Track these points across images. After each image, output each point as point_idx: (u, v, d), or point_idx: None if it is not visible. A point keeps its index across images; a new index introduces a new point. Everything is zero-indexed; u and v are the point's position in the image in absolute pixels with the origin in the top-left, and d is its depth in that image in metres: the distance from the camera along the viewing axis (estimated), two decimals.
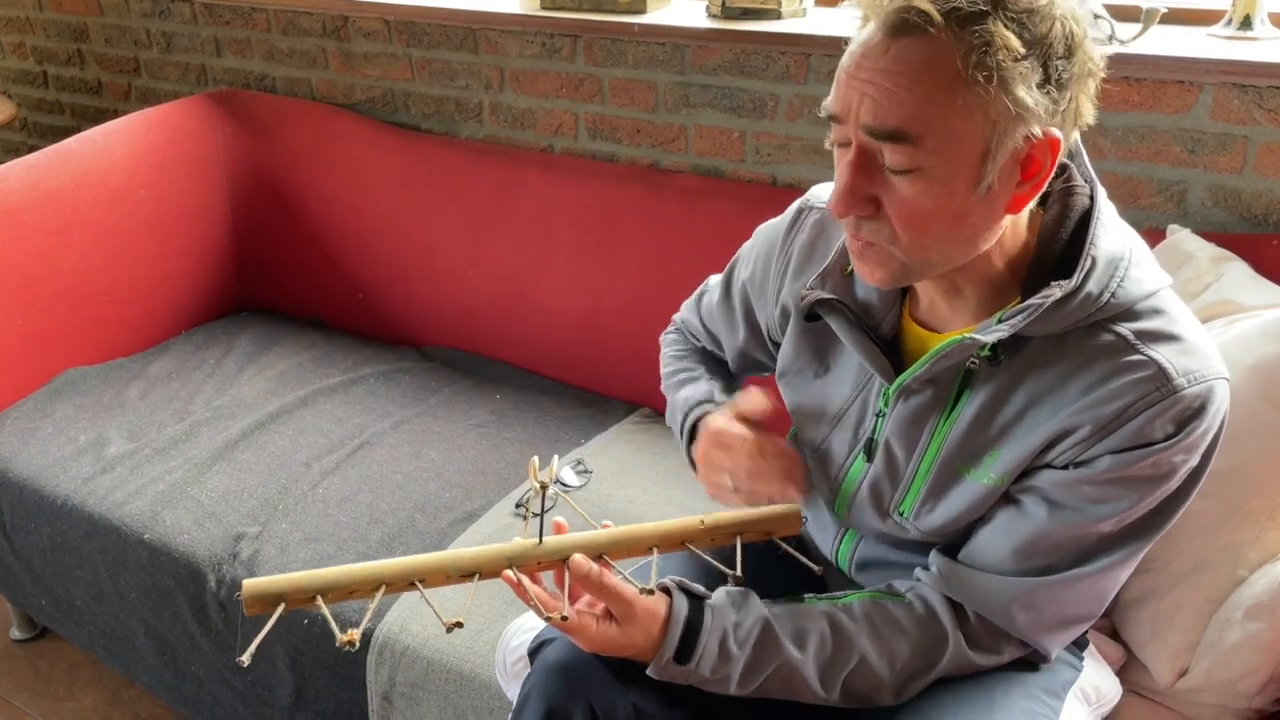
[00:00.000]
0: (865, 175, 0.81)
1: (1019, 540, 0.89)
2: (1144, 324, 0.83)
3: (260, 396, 1.83)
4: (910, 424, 0.93)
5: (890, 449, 0.95)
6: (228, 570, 1.44)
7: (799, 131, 1.67)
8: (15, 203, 1.78)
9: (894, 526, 0.98)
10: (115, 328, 1.96)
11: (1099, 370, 0.83)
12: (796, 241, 1.04)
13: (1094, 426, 0.83)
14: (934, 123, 0.77)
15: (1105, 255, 0.84)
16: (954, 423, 0.91)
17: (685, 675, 0.91)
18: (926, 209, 0.80)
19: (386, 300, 2.06)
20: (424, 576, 0.88)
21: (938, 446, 0.92)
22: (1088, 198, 0.87)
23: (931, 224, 0.81)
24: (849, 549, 1.06)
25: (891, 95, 0.77)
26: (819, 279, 0.97)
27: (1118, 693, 1.08)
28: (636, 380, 1.79)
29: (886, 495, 0.97)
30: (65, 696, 1.79)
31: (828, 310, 0.96)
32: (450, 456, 1.66)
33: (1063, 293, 0.82)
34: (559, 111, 1.89)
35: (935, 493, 0.93)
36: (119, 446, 1.69)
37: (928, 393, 0.92)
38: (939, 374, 0.90)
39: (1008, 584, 0.90)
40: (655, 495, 1.56)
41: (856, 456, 0.99)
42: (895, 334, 0.96)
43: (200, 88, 2.33)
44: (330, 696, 1.39)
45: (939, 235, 0.82)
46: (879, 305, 0.95)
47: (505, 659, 1.14)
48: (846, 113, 0.80)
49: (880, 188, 0.81)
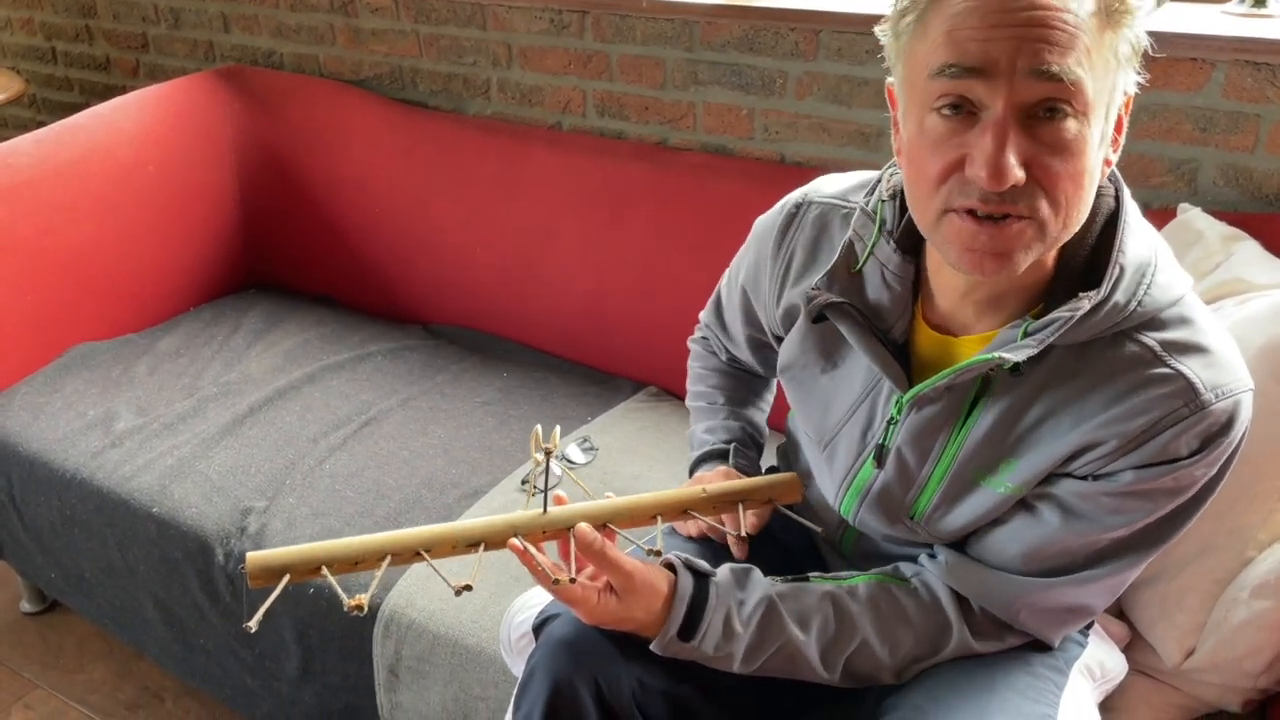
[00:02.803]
0: (1024, 133, 0.71)
1: (1030, 544, 0.88)
2: (1171, 334, 0.80)
3: (268, 373, 1.83)
4: (924, 433, 0.90)
5: (902, 457, 0.92)
6: (235, 544, 1.45)
7: (808, 109, 1.66)
8: (24, 178, 1.78)
9: (905, 530, 0.96)
10: (124, 303, 1.97)
11: (1124, 383, 0.80)
12: (797, 240, 0.99)
13: (1120, 441, 0.81)
14: (1090, 63, 0.71)
15: (1133, 262, 0.80)
16: (970, 431, 0.88)
17: (689, 652, 0.91)
18: (1084, 165, 0.73)
19: (394, 277, 2.06)
20: (429, 547, 0.88)
21: (953, 455, 0.89)
22: (1113, 198, 0.84)
23: (1082, 179, 0.73)
24: (853, 538, 1.06)
25: (1063, 33, 0.69)
26: (825, 279, 0.91)
27: (1123, 670, 1.08)
28: (643, 358, 1.79)
29: (898, 501, 0.95)
30: (75, 669, 1.81)
31: (837, 314, 0.91)
32: (457, 433, 1.66)
33: (1091, 305, 0.78)
34: (567, 88, 1.89)
35: (950, 499, 0.91)
36: (128, 421, 1.69)
37: (944, 401, 0.88)
38: (958, 384, 0.87)
39: (1014, 582, 0.89)
40: (661, 472, 1.56)
41: (865, 461, 0.96)
42: (906, 338, 0.92)
43: (208, 64, 2.33)
44: (337, 669, 1.40)
45: (1083, 194, 0.74)
46: (890, 308, 0.90)
47: (510, 634, 1.15)
48: (995, 63, 0.70)
49: (1035, 145, 0.72)
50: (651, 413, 1.73)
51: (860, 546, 1.06)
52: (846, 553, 1.08)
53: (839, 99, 1.63)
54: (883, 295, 0.90)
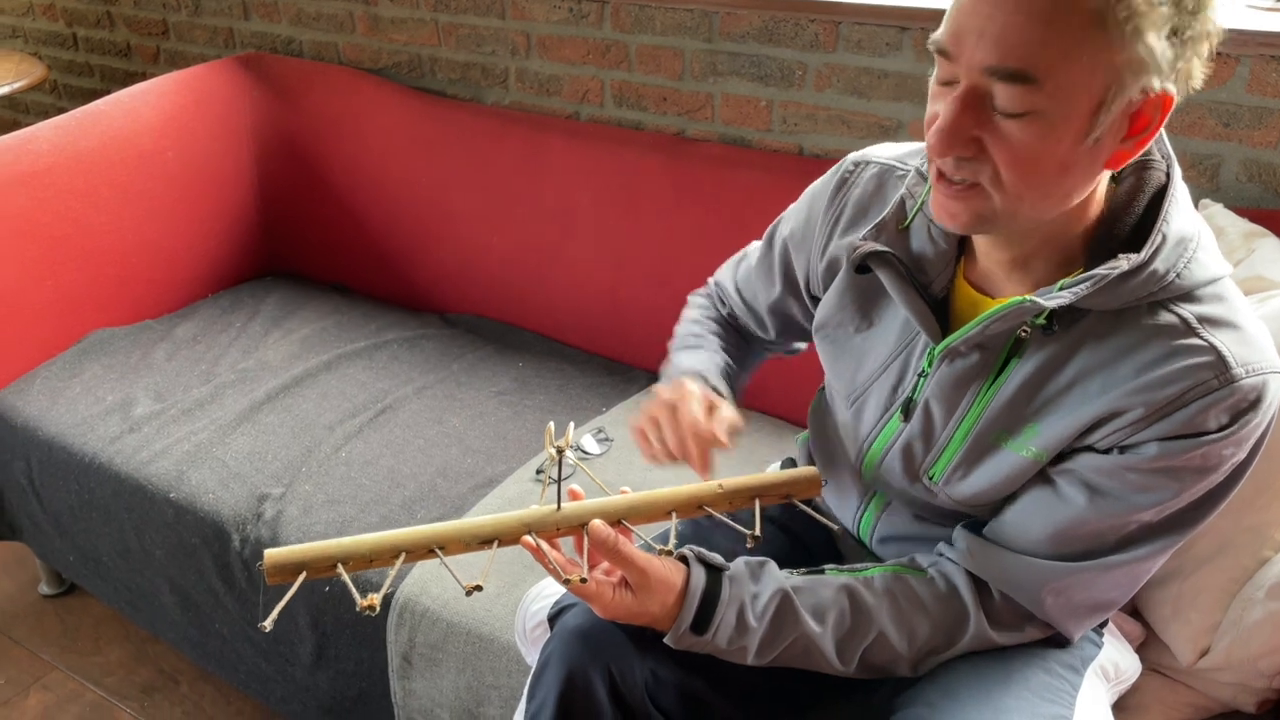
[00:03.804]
0: (971, 114, 0.76)
1: (1056, 525, 0.87)
2: (1205, 308, 0.81)
3: (285, 360, 1.84)
4: (953, 387, 0.91)
5: (929, 410, 0.93)
6: (251, 530, 1.46)
7: (827, 101, 1.66)
8: (45, 164, 1.79)
9: (922, 490, 0.97)
10: (143, 290, 1.98)
11: (1155, 350, 0.81)
12: (850, 195, 1.01)
13: (1146, 410, 0.81)
14: (1058, 65, 0.72)
15: (1176, 234, 0.81)
16: (998, 390, 0.89)
17: (702, 645, 0.91)
18: (1034, 155, 0.76)
19: (411, 266, 2.07)
20: (443, 544, 0.88)
21: (978, 413, 0.90)
22: (1164, 174, 0.85)
23: (1036, 171, 0.77)
24: (872, 520, 1.06)
25: (1018, 32, 0.72)
26: (873, 230, 0.94)
27: (1136, 670, 1.07)
28: (659, 349, 1.78)
29: (919, 457, 0.95)
30: (91, 651, 1.83)
31: (879, 263, 0.93)
32: (472, 423, 1.66)
33: (1130, 266, 0.79)
34: (585, 78, 1.88)
35: (969, 460, 0.91)
36: (146, 407, 1.71)
37: (974, 357, 0.89)
38: (989, 339, 0.88)
39: (1040, 567, 0.88)
40: (676, 463, 1.56)
41: (892, 416, 0.97)
42: (946, 294, 0.93)
43: (228, 51, 2.33)
44: (351, 656, 1.40)
45: (1039, 185, 0.78)
46: (933, 262, 0.92)
47: (524, 624, 1.15)
48: (960, 48, 0.75)
49: (985, 129, 0.77)
50: None
51: (879, 529, 1.05)
52: (863, 537, 1.08)
53: (859, 91, 1.62)
54: (927, 248, 0.92)
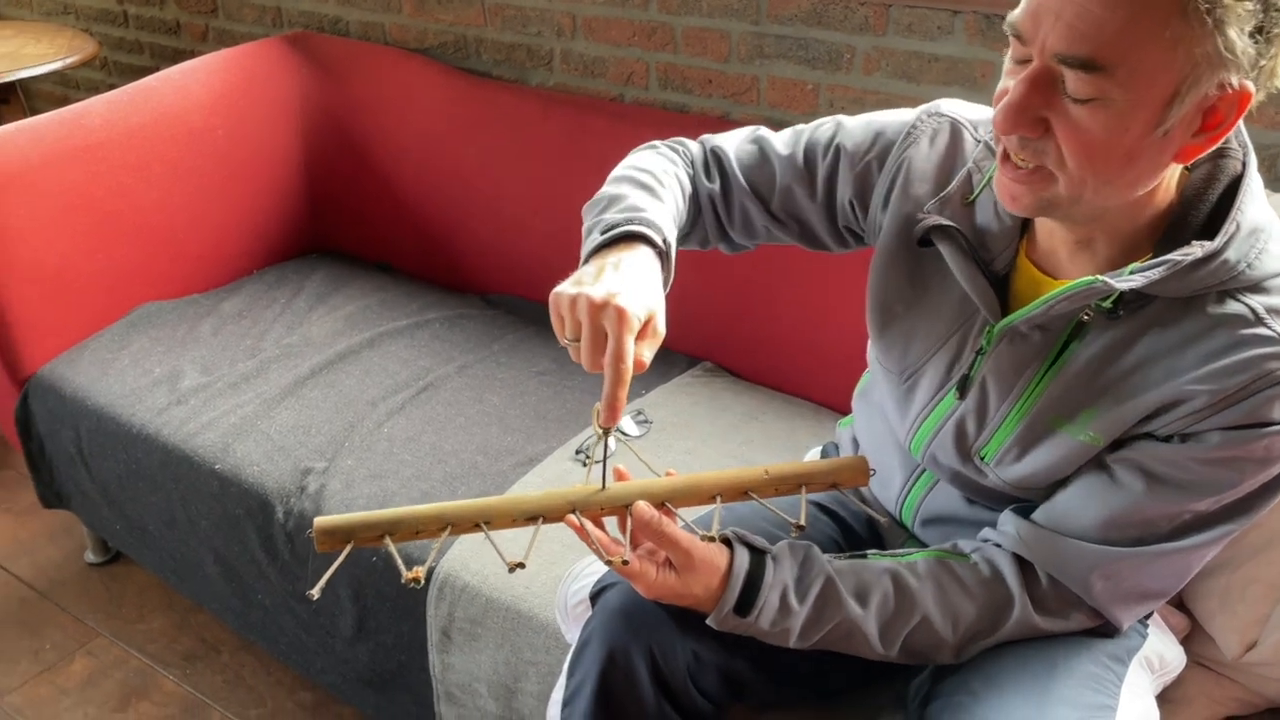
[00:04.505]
0: (1040, 95, 0.76)
1: (1110, 511, 0.87)
2: (1275, 299, 0.80)
3: (329, 336, 1.86)
4: (1010, 368, 0.90)
5: (985, 389, 0.92)
6: (295, 503, 1.48)
7: (875, 85, 1.64)
8: (98, 139, 1.82)
9: (973, 470, 0.96)
10: (190, 265, 2.01)
11: (1222, 339, 0.80)
12: (907, 152, 0.99)
13: (1210, 399, 0.80)
14: (1132, 54, 0.71)
15: (1250, 224, 0.80)
16: (1057, 373, 0.88)
17: (745, 627, 0.91)
18: (1100, 142, 0.75)
19: (453, 246, 2.08)
20: (489, 519, 0.89)
21: (1035, 395, 0.89)
22: (1240, 163, 0.83)
23: (1102, 159, 0.76)
24: (916, 500, 1.05)
25: (1093, 19, 0.71)
26: (937, 204, 0.93)
27: (1181, 662, 1.06)
28: (698, 333, 1.79)
29: (971, 435, 0.95)
30: (136, 619, 1.86)
31: (941, 237, 0.92)
32: (512, 401, 1.67)
33: (1203, 253, 0.78)
34: (630, 60, 1.88)
35: (1023, 442, 0.91)
36: (193, 380, 1.73)
37: (1034, 337, 0.89)
38: (1052, 319, 0.87)
39: (1090, 551, 0.88)
40: (715, 447, 1.56)
41: (947, 393, 0.96)
42: (1007, 272, 0.93)
43: (275, 30, 2.35)
44: (391, 629, 1.42)
45: (1103, 172, 0.77)
46: (998, 237, 0.92)
47: (566, 601, 1.16)
48: (1035, 31, 0.75)
49: (1053, 110, 0.76)
50: (705, 388, 1.73)
51: (923, 509, 1.05)
52: (906, 519, 1.07)
53: (908, 75, 1.61)
54: (992, 224, 0.92)
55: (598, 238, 0.91)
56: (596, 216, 0.96)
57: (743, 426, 1.62)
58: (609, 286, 0.83)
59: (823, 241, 1.09)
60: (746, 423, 1.63)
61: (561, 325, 0.86)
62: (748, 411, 1.66)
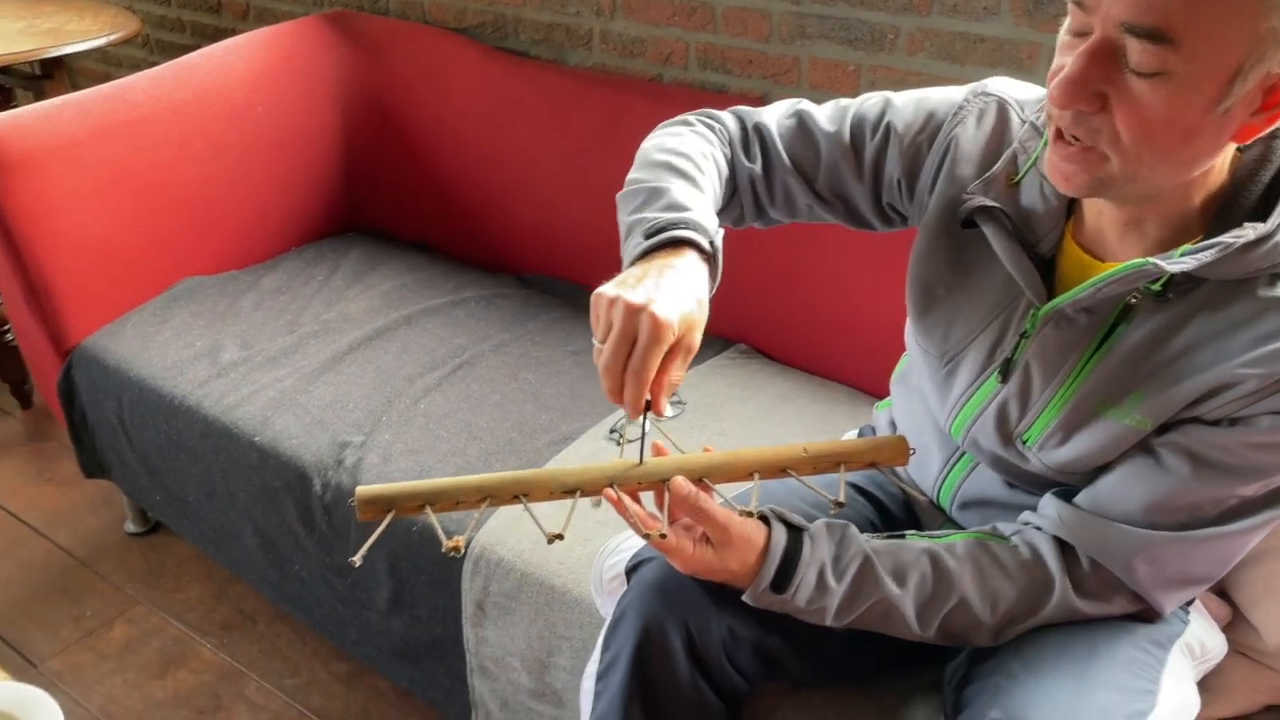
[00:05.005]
0: (1100, 68, 0.74)
1: (1155, 495, 0.86)
2: None
3: (366, 313, 1.87)
4: (1055, 352, 0.90)
5: (1028, 372, 0.92)
6: (333, 476, 1.49)
7: (918, 66, 1.63)
8: (141, 114, 1.84)
9: (1015, 455, 0.95)
10: (231, 240, 2.03)
11: (1273, 323, 0.79)
12: (955, 131, 0.98)
13: (1261, 383, 0.79)
14: (1200, 26, 0.70)
15: None
16: (1103, 357, 0.87)
17: (781, 604, 0.91)
18: (1160, 118, 0.74)
19: (489, 226, 2.09)
20: (528, 491, 0.90)
21: (1080, 379, 0.88)
22: None
23: (1160, 135, 0.75)
24: (955, 483, 1.05)
25: None
26: (982, 185, 0.92)
27: (1222, 649, 1.05)
28: (733, 315, 1.79)
29: (1014, 420, 0.94)
30: (174, 588, 1.89)
31: (986, 219, 0.91)
32: (547, 380, 1.68)
33: (1255, 235, 0.77)
34: (669, 40, 1.87)
35: (1067, 426, 0.90)
36: (232, 353, 1.75)
37: (1080, 320, 0.88)
38: (1099, 302, 0.86)
39: (1134, 535, 0.87)
40: (748, 429, 1.56)
41: (989, 376, 0.95)
42: (1053, 255, 0.92)
43: (316, 9, 2.36)
44: (426, 602, 1.43)
45: (1161, 150, 0.76)
46: (1043, 218, 0.91)
47: (601, 575, 1.16)
48: (1097, 1, 0.74)
49: (1113, 85, 0.75)
50: (740, 370, 1.73)
51: (962, 491, 1.04)
52: (943, 503, 1.07)
53: (952, 56, 1.59)
54: (1037, 205, 0.91)
55: (640, 241, 0.89)
56: (636, 213, 0.94)
57: (777, 409, 1.62)
58: (649, 293, 0.82)
59: (867, 220, 1.07)
60: (781, 405, 1.63)
61: (599, 325, 0.85)
62: (782, 394, 1.66)
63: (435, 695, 1.51)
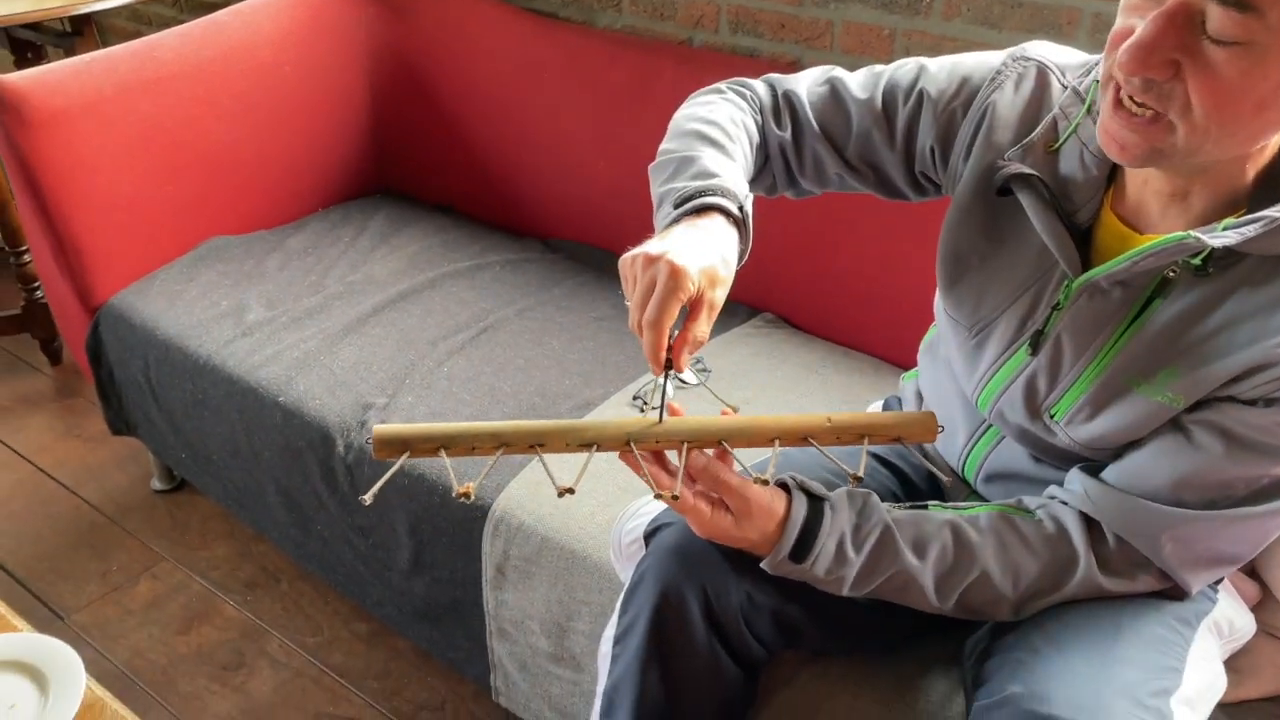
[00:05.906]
0: (1176, 34, 0.71)
1: (1185, 472, 0.84)
2: None
3: (391, 275, 1.87)
4: (1088, 325, 0.87)
5: (1059, 345, 0.90)
6: (355, 436, 1.49)
7: (955, 31, 1.59)
8: (169, 71, 1.84)
9: (1042, 429, 0.93)
10: (257, 200, 2.03)
11: None
12: (992, 97, 0.95)
13: None
14: None
15: None
16: (1137, 331, 0.85)
17: (799, 573, 0.90)
18: (1235, 89, 0.71)
19: (516, 190, 2.07)
20: (544, 441, 0.89)
21: (1112, 354, 0.86)
22: None
23: (1231, 107, 0.72)
24: (980, 456, 1.03)
25: None
26: (1019, 151, 0.90)
27: (1251, 629, 1.03)
28: (759, 284, 1.77)
29: (1042, 393, 0.92)
30: (199, 545, 1.91)
31: (1022, 186, 0.89)
32: (571, 345, 1.67)
33: None
34: (700, 3, 1.84)
35: (1096, 401, 0.88)
36: (258, 313, 1.75)
37: (1115, 294, 0.86)
38: (1135, 275, 0.84)
39: (1161, 512, 0.85)
40: (772, 398, 1.55)
41: (1019, 348, 0.93)
42: (1090, 225, 0.89)
43: None
44: (446, 564, 1.44)
45: (1230, 122, 0.73)
46: (1082, 187, 0.88)
47: (620, 540, 1.16)
48: None
49: (1188, 53, 0.71)
50: (765, 339, 1.71)
51: (987, 464, 1.02)
52: (968, 475, 1.05)
53: (989, 21, 1.55)
54: (1076, 174, 0.88)
55: (670, 211, 0.89)
56: (666, 184, 0.94)
57: (802, 379, 1.61)
58: (668, 245, 0.82)
59: (900, 189, 1.05)
60: (806, 375, 1.62)
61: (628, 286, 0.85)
62: (807, 364, 1.64)
63: (455, 656, 1.52)
